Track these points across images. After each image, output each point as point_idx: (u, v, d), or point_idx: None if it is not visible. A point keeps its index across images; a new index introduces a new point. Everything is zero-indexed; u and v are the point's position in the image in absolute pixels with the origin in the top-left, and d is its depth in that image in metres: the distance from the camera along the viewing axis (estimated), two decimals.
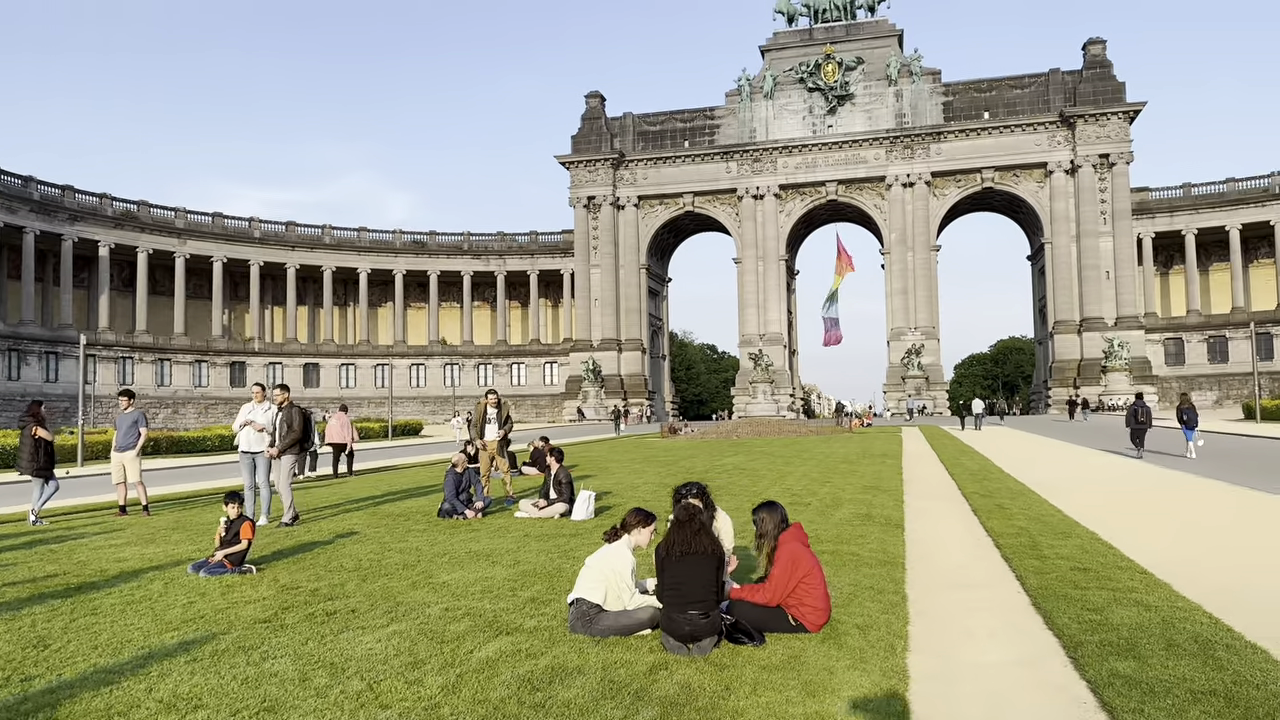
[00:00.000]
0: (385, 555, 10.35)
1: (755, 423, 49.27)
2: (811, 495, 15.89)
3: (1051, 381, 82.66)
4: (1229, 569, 9.13)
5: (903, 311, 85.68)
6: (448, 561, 9.81)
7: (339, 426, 24.79)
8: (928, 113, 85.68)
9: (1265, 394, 74.20)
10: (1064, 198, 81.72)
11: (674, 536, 6.52)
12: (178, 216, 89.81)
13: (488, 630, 6.77)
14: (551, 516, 13.06)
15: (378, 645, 6.43)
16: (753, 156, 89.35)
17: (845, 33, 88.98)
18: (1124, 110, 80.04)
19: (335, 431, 24.79)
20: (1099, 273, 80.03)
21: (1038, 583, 8.30)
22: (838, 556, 9.74)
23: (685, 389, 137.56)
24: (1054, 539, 10.73)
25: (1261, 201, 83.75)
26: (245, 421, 13.64)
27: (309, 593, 8.39)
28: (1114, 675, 5.50)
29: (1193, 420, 25.61)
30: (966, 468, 21.39)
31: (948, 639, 6.59)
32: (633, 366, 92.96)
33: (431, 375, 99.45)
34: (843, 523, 12.41)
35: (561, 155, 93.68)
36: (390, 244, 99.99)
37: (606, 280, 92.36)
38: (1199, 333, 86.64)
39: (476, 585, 8.44)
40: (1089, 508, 13.85)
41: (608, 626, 6.51)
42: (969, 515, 13.32)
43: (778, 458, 26.44)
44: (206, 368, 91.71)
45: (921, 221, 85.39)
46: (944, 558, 9.97)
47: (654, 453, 31.06)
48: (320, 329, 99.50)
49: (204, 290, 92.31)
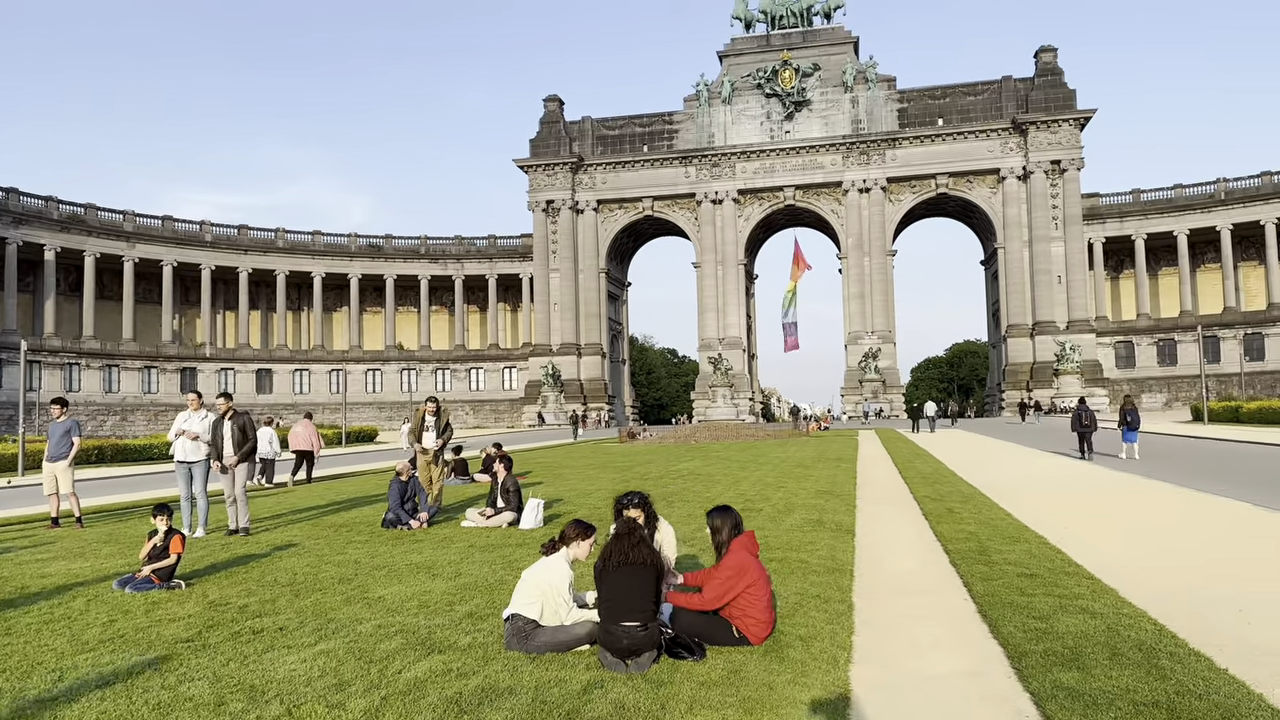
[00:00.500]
0: (322, 569, 10.02)
1: (714, 427, 49.25)
2: (765, 501, 15.78)
3: (1005, 384, 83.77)
4: (1175, 572, 9.13)
5: (860, 316, 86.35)
6: (386, 575, 9.51)
7: (304, 433, 24.63)
8: (883, 119, 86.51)
9: (1213, 396, 75.84)
10: (1016, 203, 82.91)
11: (612, 547, 6.33)
12: (126, 220, 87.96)
13: (419, 649, 6.51)
14: (499, 525, 12.79)
15: (302, 666, 6.15)
16: (711, 161, 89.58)
17: (802, 39, 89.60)
18: (1075, 117, 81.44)
19: (300, 438, 24.64)
20: (1051, 277, 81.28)
21: (985, 589, 8.22)
22: (786, 564, 9.60)
23: (646, 393, 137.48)
24: (1003, 544, 10.69)
25: (1208, 207, 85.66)
26: (180, 430, 13.20)
27: (237, 609, 8.06)
28: (1057, 687, 5.39)
29: (1135, 422, 26.00)
30: (919, 471, 21.45)
31: (892, 649, 6.46)
32: (592, 371, 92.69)
33: (388, 381, 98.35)
34: (794, 529, 12.30)
35: (520, 159, 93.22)
36: (345, 248, 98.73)
37: (566, 284, 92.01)
38: (1149, 336, 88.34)
39: (413, 600, 8.17)
40: (1038, 511, 13.88)
41: (544, 643, 6.29)
42: (920, 520, 13.27)
43: (734, 462, 26.36)
44: (156, 374, 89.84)
45: (878, 227, 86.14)
46: (893, 564, 9.88)
47: (611, 458, 30.84)
48: (274, 334, 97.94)
49: (154, 295, 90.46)
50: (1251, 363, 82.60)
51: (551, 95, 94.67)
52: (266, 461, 23.82)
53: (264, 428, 24.25)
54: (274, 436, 24.50)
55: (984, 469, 22.70)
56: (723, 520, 7.04)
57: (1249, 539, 11.17)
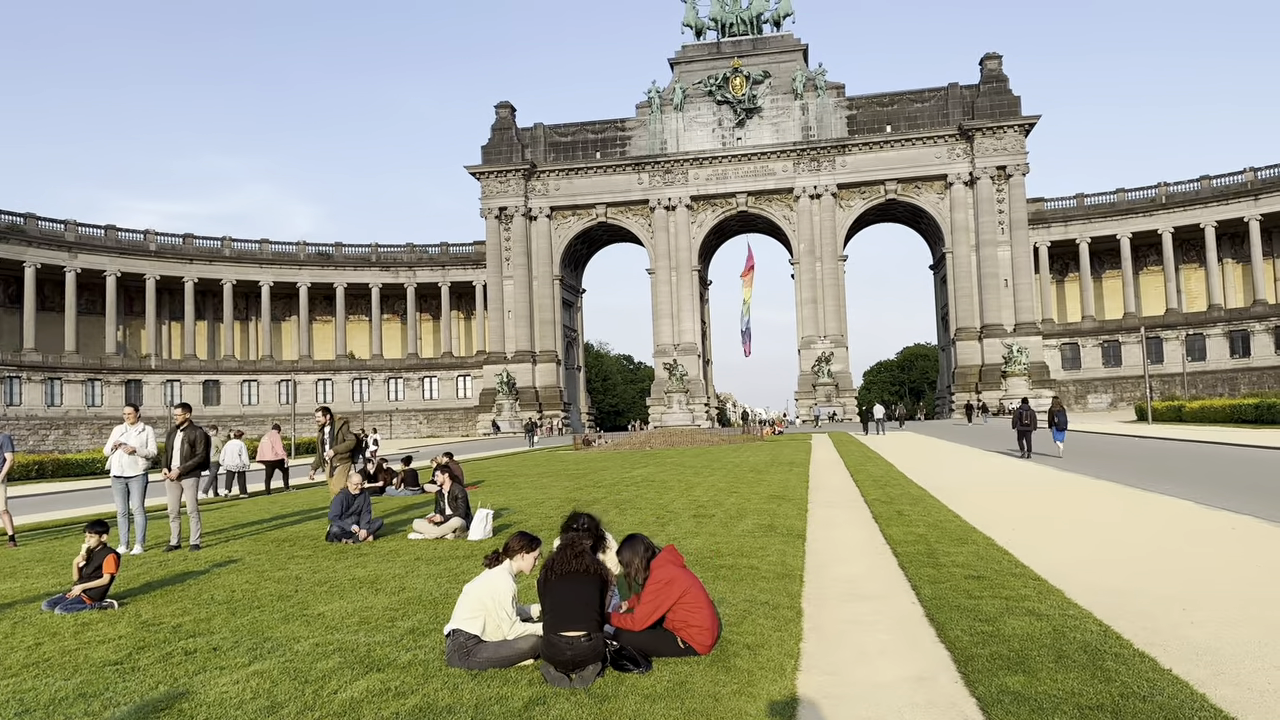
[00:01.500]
0: (261, 585, 9.73)
1: (669, 433, 49.24)
2: (717, 506, 15.72)
3: (955, 387, 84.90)
4: (1120, 571, 9.22)
5: (812, 320, 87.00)
6: (327, 590, 9.26)
7: (270, 445, 25.49)
8: (833, 126, 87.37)
9: (1157, 396, 77.62)
10: (963, 208, 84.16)
11: (555, 558, 6.20)
12: (68, 229, 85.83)
13: (358, 667, 6.31)
14: (446, 535, 12.56)
15: (234, 688, 5.93)
16: (664, 168, 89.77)
17: (752, 47, 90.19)
18: (1020, 123, 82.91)
19: (267, 450, 25.46)
20: (998, 281, 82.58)
21: (932, 592, 8.22)
22: (737, 571, 9.54)
23: (602, 400, 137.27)
24: (951, 546, 10.73)
25: (1149, 211, 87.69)
26: (117, 444, 12.79)
27: (171, 629, 7.78)
28: (1003, 692, 5.37)
29: (1063, 423, 27.64)
30: (870, 474, 21.57)
31: (840, 656, 6.41)
32: (547, 378, 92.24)
33: (339, 390, 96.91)
34: (745, 534, 12.24)
35: (472, 165, 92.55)
36: (294, 256, 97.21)
37: (520, 292, 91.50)
38: (1094, 338, 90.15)
39: (354, 616, 7.95)
40: (986, 511, 14.00)
41: (487, 659, 6.13)
42: (870, 523, 13.30)
43: (687, 468, 26.31)
44: (100, 386, 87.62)
45: (829, 232, 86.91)
46: (842, 569, 9.86)
47: (565, 466, 30.64)
48: (221, 344, 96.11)
49: (97, 306, 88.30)
50: (1193, 363, 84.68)
51: (503, 102, 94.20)
52: (236, 474, 24.48)
53: (233, 440, 24.98)
54: (244, 449, 24.98)
55: (933, 471, 22.91)
56: (632, 552, 6.86)
57: (1191, 536, 11.35)
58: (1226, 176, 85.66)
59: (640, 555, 6.78)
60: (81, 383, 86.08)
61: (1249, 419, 42.12)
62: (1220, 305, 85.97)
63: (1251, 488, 17.30)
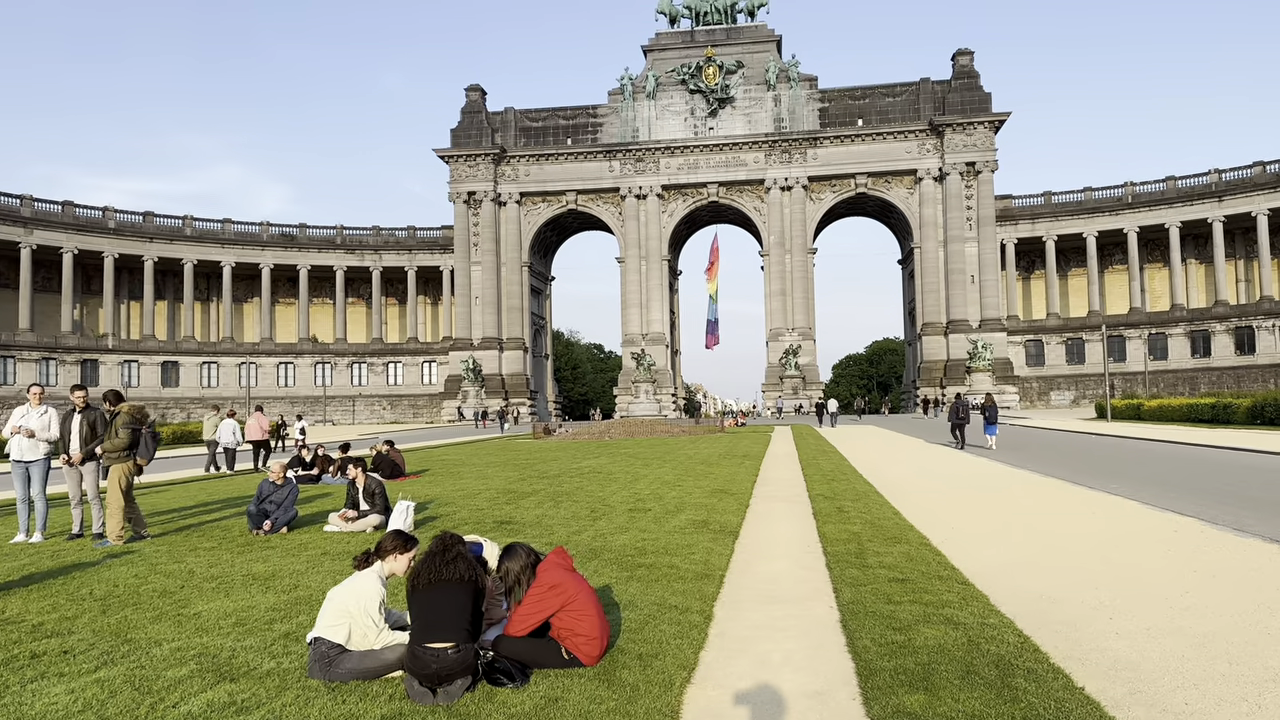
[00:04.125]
0: (149, 579, 9.12)
1: (630, 423, 48.76)
2: (656, 500, 15.26)
3: (920, 381, 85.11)
4: (1052, 575, 8.86)
5: (781, 313, 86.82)
6: (215, 587, 8.67)
7: (258, 425, 28.17)
8: (805, 118, 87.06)
9: (1119, 394, 78.23)
10: (932, 204, 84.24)
11: (424, 563, 5.68)
12: (24, 205, 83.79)
13: (211, 675, 5.77)
14: (363, 530, 11.98)
15: (66, 698, 5.38)
16: (635, 156, 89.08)
17: (726, 36, 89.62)
18: (989, 120, 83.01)
19: (254, 430, 28.14)
20: (965, 277, 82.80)
21: (852, 596, 7.81)
22: (655, 570, 9.07)
23: (571, 388, 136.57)
24: (882, 545, 10.34)
25: (1115, 210, 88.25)
26: (16, 428, 12.10)
27: (30, 628, 7.19)
28: (899, 712, 4.95)
29: (993, 417, 29.45)
30: (821, 468, 21.21)
31: (739, 667, 5.96)
32: (514, 366, 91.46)
33: (301, 375, 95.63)
34: (676, 530, 11.78)
35: (441, 149, 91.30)
36: (257, 237, 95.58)
37: (488, 278, 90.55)
38: (1058, 335, 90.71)
39: (231, 617, 7.39)
40: (928, 509, 13.68)
41: (350, 669, 5.61)
42: (809, 519, 12.90)
43: (639, 459, 25.83)
44: (55, 365, 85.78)
45: (799, 224, 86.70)
46: (766, 567, 9.43)
47: (515, 455, 30.06)
48: (180, 325, 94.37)
49: (53, 284, 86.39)
50: (1155, 361, 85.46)
51: (473, 85, 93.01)
52: (229, 450, 27.61)
53: (228, 420, 27.70)
54: (237, 428, 27.75)
55: (886, 465, 22.62)
56: (512, 561, 6.36)
57: (1131, 538, 11.03)
58: (1192, 178, 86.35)
59: (522, 563, 6.27)
60: (35, 361, 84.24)
61: (1205, 418, 42.33)
62: (1183, 305, 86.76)
63: (1201, 489, 17.10)
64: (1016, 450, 28.41)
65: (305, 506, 15.38)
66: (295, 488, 12.58)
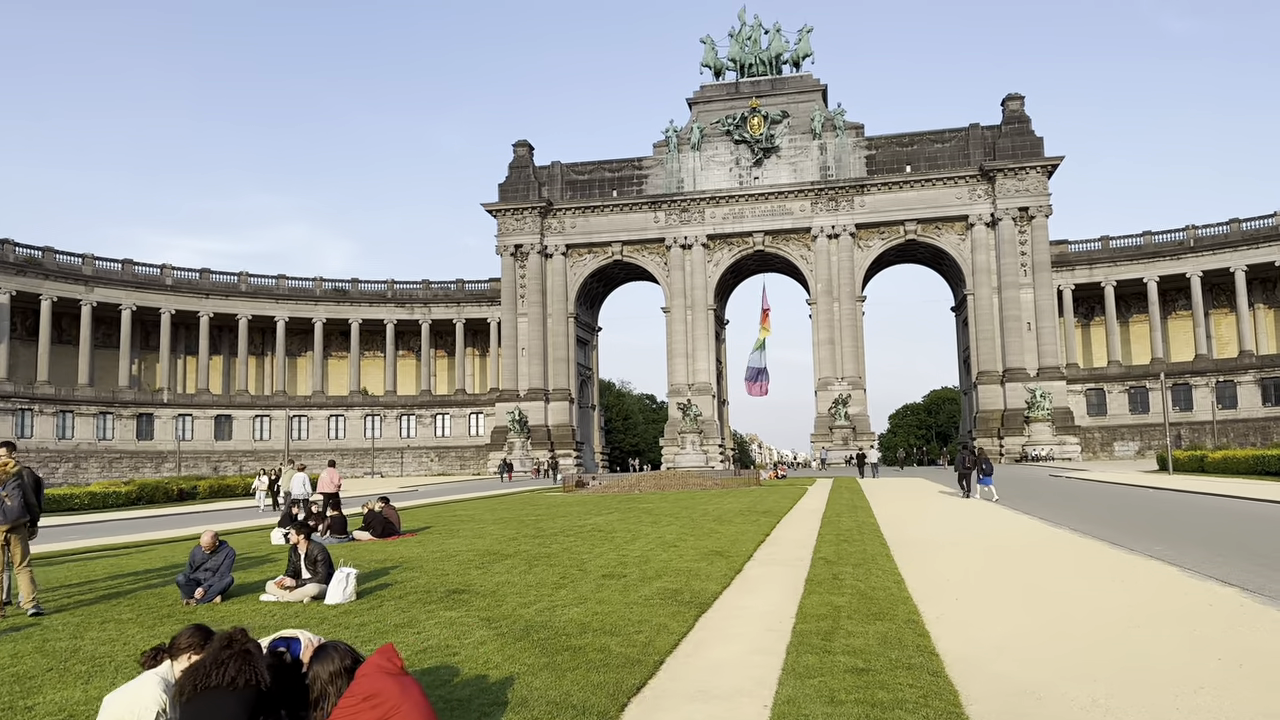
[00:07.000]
0: (19, 662, 8.23)
1: (664, 476, 47.47)
2: (639, 565, 14.09)
3: (976, 431, 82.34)
4: (1050, 658, 7.62)
5: (829, 362, 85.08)
6: (85, 671, 7.77)
7: (329, 479, 28.61)
8: (851, 166, 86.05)
9: (1185, 444, 74.67)
10: (985, 250, 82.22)
11: (190, 668, 4.73)
12: (85, 263, 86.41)
13: None
14: (300, 600, 11.06)
15: None
16: (680, 206, 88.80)
17: (770, 87, 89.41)
18: (1042, 165, 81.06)
19: (326, 483, 28.56)
20: (1020, 324, 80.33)
21: (794, 693, 6.65)
22: (580, 655, 7.96)
23: (623, 439, 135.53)
24: (861, 623, 9.11)
25: (1176, 254, 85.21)
26: None
27: None
28: None
29: (988, 469, 30.30)
30: (840, 527, 19.82)
31: None
32: (560, 417, 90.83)
33: (351, 427, 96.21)
34: (638, 602, 10.65)
35: (489, 203, 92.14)
36: (310, 292, 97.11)
37: (534, 329, 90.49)
38: (1120, 383, 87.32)
39: (65, 711, 6.49)
40: (940, 574, 12.40)
41: None
42: (797, 587, 11.67)
43: (649, 515, 24.58)
44: (112, 420, 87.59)
45: (847, 272, 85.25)
46: (716, 652, 8.26)
47: (529, 511, 29.03)
48: (235, 379, 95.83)
49: (112, 339, 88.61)
50: (1224, 410, 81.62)
51: (521, 140, 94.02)
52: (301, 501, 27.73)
53: (299, 473, 29.13)
54: (307, 480, 29.12)
55: (913, 523, 21.18)
56: (322, 665, 5.27)
57: (1158, 615, 9.64)
58: (1257, 220, 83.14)
59: (333, 667, 5.21)
60: (93, 416, 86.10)
61: (1273, 470, 39.65)
62: (1252, 351, 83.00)
63: (1253, 551, 15.45)
64: (1061, 507, 26.68)
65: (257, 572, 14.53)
66: (231, 553, 11.72)
